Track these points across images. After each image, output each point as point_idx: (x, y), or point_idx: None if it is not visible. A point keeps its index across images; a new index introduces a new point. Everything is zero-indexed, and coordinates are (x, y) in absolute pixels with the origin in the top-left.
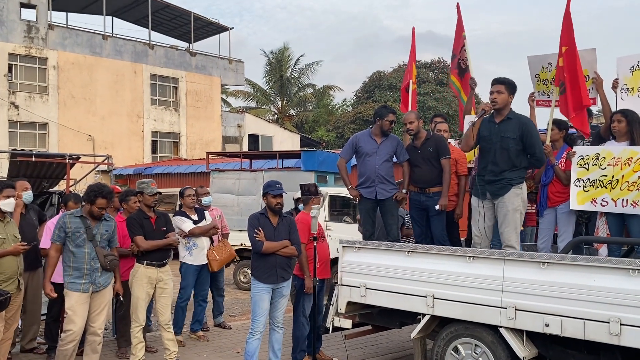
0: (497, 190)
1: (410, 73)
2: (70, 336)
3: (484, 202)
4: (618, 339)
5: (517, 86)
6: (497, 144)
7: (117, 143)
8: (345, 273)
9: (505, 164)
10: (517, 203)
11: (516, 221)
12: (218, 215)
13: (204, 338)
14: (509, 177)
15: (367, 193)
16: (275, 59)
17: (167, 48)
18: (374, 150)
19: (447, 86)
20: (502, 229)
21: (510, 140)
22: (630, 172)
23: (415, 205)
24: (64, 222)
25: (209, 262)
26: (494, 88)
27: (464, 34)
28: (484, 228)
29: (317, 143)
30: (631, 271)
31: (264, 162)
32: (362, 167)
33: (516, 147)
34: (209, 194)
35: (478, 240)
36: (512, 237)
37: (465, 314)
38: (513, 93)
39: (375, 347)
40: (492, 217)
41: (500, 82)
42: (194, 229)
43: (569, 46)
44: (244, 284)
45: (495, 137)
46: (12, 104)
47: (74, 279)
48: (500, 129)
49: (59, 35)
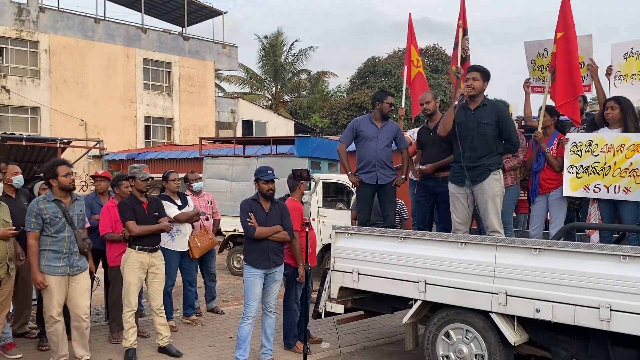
0: (476, 177)
1: (410, 58)
2: (51, 320)
3: (464, 188)
4: (608, 324)
5: (490, 74)
6: (474, 130)
7: (109, 128)
8: (337, 259)
9: (482, 149)
10: (497, 188)
11: (497, 206)
12: (209, 201)
13: (197, 322)
14: (487, 163)
15: (367, 178)
16: (270, 44)
17: (160, 32)
18: (375, 134)
19: (442, 73)
20: (484, 215)
21: (487, 126)
22: (623, 158)
23: (423, 190)
24: (39, 208)
25: (190, 248)
26: (470, 75)
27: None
28: (466, 214)
29: (311, 129)
30: (622, 257)
31: (258, 148)
32: (363, 151)
33: (493, 132)
34: (201, 180)
35: (459, 226)
36: (495, 222)
37: (457, 300)
38: (487, 80)
39: (367, 332)
40: (472, 203)
41: (476, 70)
42: (180, 215)
43: (565, 32)
44: (237, 270)
45: (472, 123)
46: (3, 87)
47: (50, 262)
48: (476, 115)
49: (50, 18)
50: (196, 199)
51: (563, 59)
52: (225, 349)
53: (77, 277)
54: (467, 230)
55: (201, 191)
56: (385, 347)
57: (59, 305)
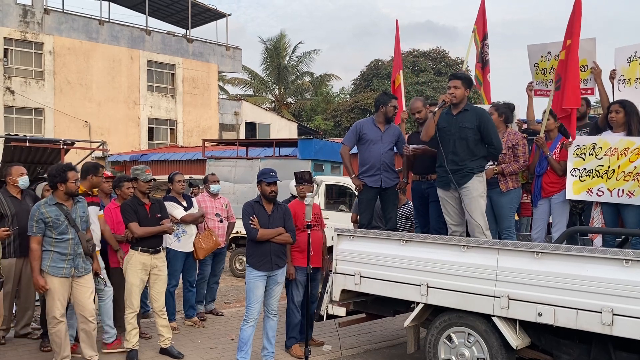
0: (460, 179)
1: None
2: (53, 321)
3: (450, 191)
4: (610, 328)
5: (472, 81)
6: (455, 134)
7: (113, 129)
8: (340, 261)
9: (464, 153)
10: (481, 189)
11: (481, 206)
12: (225, 204)
13: (199, 324)
14: (470, 166)
15: (371, 181)
16: (273, 46)
17: (164, 34)
18: (379, 137)
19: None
20: (469, 216)
21: (469, 130)
22: (627, 162)
23: (418, 194)
24: (41, 212)
25: (195, 249)
26: (452, 83)
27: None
28: (458, 216)
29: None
30: (625, 262)
31: (261, 150)
32: (367, 154)
33: (474, 136)
34: (218, 182)
35: (455, 228)
36: (481, 222)
37: (459, 303)
38: (469, 87)
39: (369, 335)
40: (460, 204)
41: (457, 78)
42: (186, 216)
43: (573, 40)
44: (239, 272)
45: (454, 127)
46: (8, 89)
47: (55, 263)
48: (457, 119)
49: (54, 20)
50: (212, 201)
51: (570, 68)
52: (226, 351)
53: (82, 279)
54: (464, 231)
55: (217, 193)
56: (387, 350)
57: (62, 307)
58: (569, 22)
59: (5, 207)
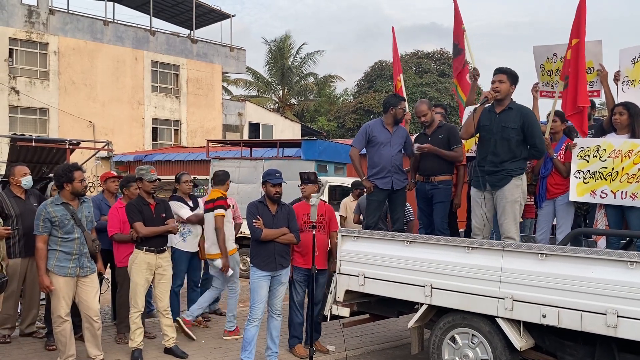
0: (497, 182)
1: (398, 70)
2: (58, 320)
3: (483, 193)
4: (615, 330)
5: (519, 77)
6: (497, 134)
7: (117, 130)
8: (343, 262)
9: (505, 154)
10: (517, 194)
11: (515, 212)
12: (232, 205)
13: (203, 324)
14: (509, 168)
15: (382, 184)
16: (277, 47)
17: (169, 35)
18: (388, 139)
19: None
20: (501, 221)
21: (511, 131)
22: (631, 164)
23: (422, 195)
24: (47, 212)
25: (200, 249)
26: (496, 77)
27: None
28: (484, 219)
29: (318, 133)
30: (629, 263)
31: (265, 150)
32: (377, 156)
33: (517, 137)
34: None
35: (478, 231)
36: (512, 228)
37: (463, 304)
38: (515, 83)
39: (372, 336)
40: (492, 208)
41: (503, 72)
42: (192, 217)
43: (580, 39)
44: (243, 272)
45: (496, 127)
46: (13, 89)
47: (61, 262)
48: (501, 118)
49: (59, 20)
50: None
51: (576, 67)
52: (230, 350)
53: (87, 279)
54: (487, 236)
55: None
56: (390, 351)
57: (67, 306)
58: (574, 22)
59: (9, 207)
